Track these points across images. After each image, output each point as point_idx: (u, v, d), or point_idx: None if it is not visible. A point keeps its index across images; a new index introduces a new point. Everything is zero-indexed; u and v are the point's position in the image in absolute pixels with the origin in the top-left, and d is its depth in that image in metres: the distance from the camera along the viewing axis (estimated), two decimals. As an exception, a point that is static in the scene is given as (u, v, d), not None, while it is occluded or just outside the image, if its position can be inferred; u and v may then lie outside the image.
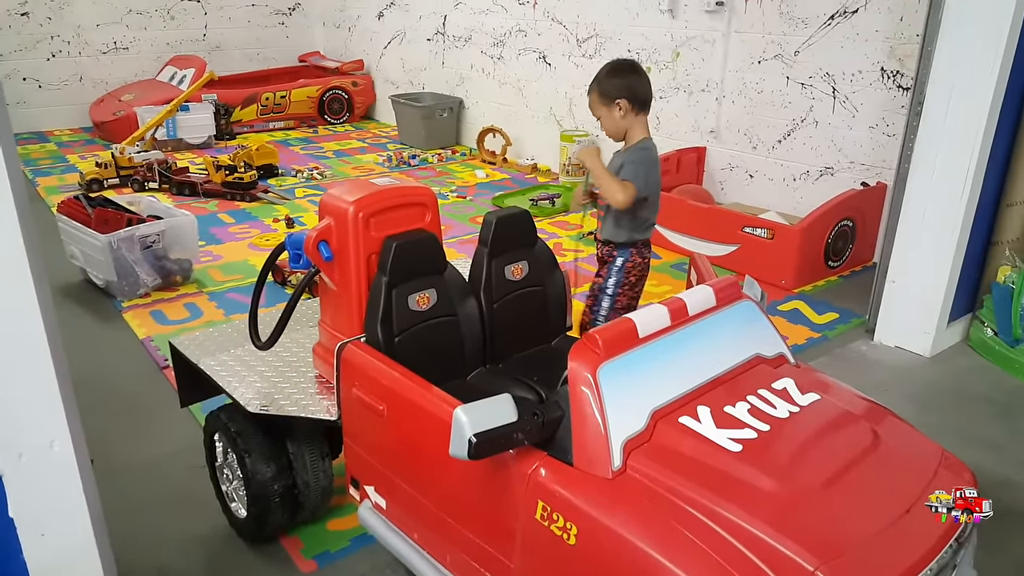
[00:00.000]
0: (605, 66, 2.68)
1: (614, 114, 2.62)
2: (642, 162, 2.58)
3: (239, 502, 2.22)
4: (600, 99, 2.63)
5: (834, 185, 4.43)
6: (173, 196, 5.44)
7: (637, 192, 2.51)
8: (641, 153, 2.60)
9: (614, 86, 2.60)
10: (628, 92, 2.59)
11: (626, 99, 2.59)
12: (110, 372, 3.16)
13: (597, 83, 2.64)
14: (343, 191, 2.01)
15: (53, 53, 7.49)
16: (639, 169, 2.55)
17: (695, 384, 1.59)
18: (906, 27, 4.03)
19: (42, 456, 1.29)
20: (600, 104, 2.64)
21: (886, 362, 3.32)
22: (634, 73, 2.64)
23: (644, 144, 2.62)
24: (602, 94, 2.62)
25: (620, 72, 2.63)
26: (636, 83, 2.61)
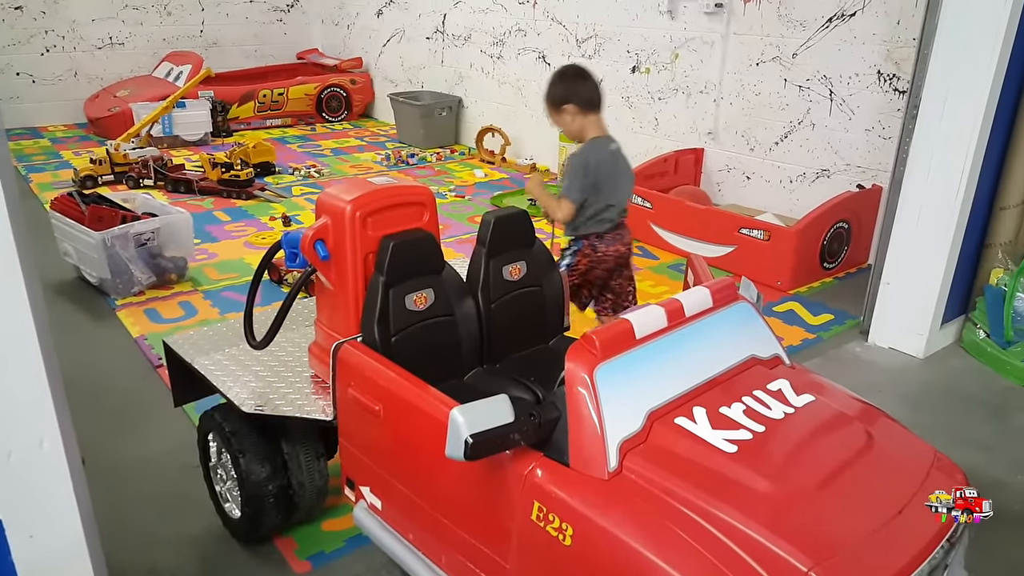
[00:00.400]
0: (553, 74, 2.85)
1: (565, 119, 2.80)
2: (576, 169, 2.77)
3: (233, 502, 2.22)
4: (551, 108, 2.83)
5: (830, 187, 4.44)
6: (168, 193, 5.43)
7: (573, 203, 2.75)
8: (576, 159, 2.78)
9: (559, 93, 2.79)
10: (573, 96, 2.76)
11: (572, 103, 2.76)
12: (103, 370, 3.14)
13: (547, 92, 2.83)
14: (340, 190, 2.01)
15: (47, 48, 7.45)
16: (572, 180, 2.76)
17: (691, 385, 1.59)
18: (903, 31, 4.04)
19: (31, 455, 1.27)
20: (553, 112, 2.83)
21: (880, 363, 3.33)
22: (578, 78, 2.81)
23: (587, 146, 2.80)
24: (551, 103, 2.82)
25: (564, 79, 2.81)
26: (580, 87, 2.78)
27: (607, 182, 2.78)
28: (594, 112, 2.80)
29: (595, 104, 2.79)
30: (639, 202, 4.66)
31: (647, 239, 4.65)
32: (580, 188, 2.76)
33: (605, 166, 2.78)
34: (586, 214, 2.83)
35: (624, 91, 5.62)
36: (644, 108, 5.52)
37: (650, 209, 4.60)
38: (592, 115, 2.79)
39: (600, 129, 2.82)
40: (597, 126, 2.81)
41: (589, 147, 2.80)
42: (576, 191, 2.76)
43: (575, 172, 2.76)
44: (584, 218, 2.83)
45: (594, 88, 2.80)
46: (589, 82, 2.79)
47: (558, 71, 2.85)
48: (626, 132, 5.69)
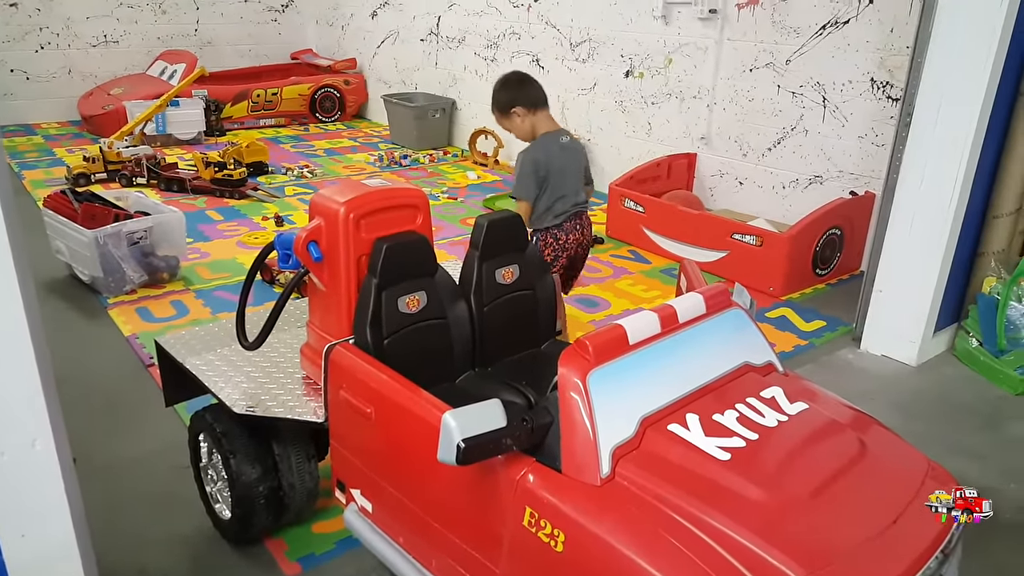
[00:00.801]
0: (496, 83, 3.05)
1: (515, 121, 2.99)
2: (525, 168, 2.94)
3: (223, 503, 2.20)
4: (500, 114, 3.01)
5: (823, 193, 4.46)
6: (161, 192, 5.40)
7: (527, 201, 2.97)
8: (525, 158, 2.94)
9: (505, 99, 2.98)
10: (519, 99, 2.97)
11: (519, 105, 2.96)
12: (94, 369, 3.12)
13: (493, 101, 3.02)
14: (334, 191, 2.00)
15: (42, 45, 7.42)
16: (521, 179, 2.95)
17: (684, 392, 1.59)
18: (896, 38, 4.06)
19: (23, 455, 1.27)
20: (503, 118, 3.01)
21: (872, 371, 3.34)
22: (520, 82, 3.02)
23: (535, 144, 2.97)
24: (499, 109, 3.00)
25: (507, 86, 3.02)
26: (524, 89, 2.99)
27: (556, 176, 2.96)
28: (542, 109, 2.99)
29: (542, 101, 2.99)
30: (631, 206, 4.67)
31: (639, 243, 4.66)
32: (533, 185, 2.94)
33: (554, 160, 2.95)
34: (540, 209, 3.00)
35: (618, 95, 5.64)
36: (637, 112, 5.53)
37: (643, 213, 4.61)
38: (540, 112, 2.98)
39: (550, 124, 3.01)
40: (547, 122, 3.00)
41: (537, 144, 2.98)
42: (529, 189, 2.95)
43: (524, 171, 2.94)
44: (540, 212, 3.01)
45: (538, 88, 3.00)
46: (532, 83, 3.01)
47: (500, 80, 3.04)
48: (619, 136, 5.71)
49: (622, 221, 4.75)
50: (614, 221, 4.82)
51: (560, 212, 3.01)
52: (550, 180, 2.96)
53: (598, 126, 5.87)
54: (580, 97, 5.94)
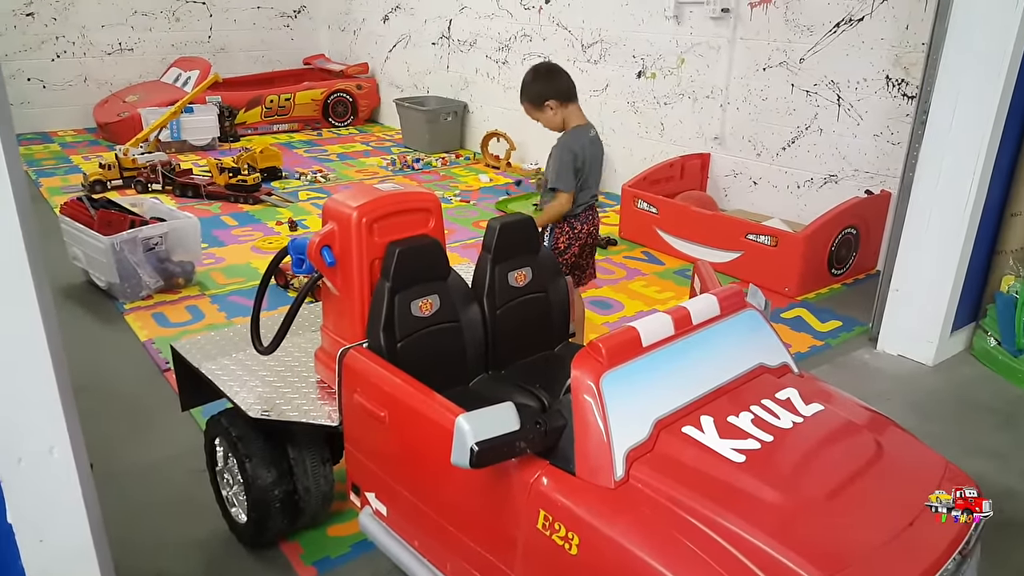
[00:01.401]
0: (528, 74, 3.03)
1: (548, 114, 2.98)
2: (564, 158, 2.92)
3: (239, 507, 2.22)
4: (532, 106, 2.99)
5: (838, 193, 4.42)
6: (176, 198, 5.45)
7: (569, 190, 2.94)
8: (562, 149, 2.93)
9: (540, 91, 2.96)
10: (553, 92, 2.95)
11: (553, 99, 2.93)
12: (111, 375, 3.15)
13: (524, 92, 2.99)
14: (347, 196, 2.01)
15: (58, 54, 7.50)
16: (562, 170, 2.93)
17: (698, 394, 1.58)
18: (911, 35, 4.02)
19: (41, 461, 1.28)
20: (534, 109, 3.00)
21: (889, 371, 3.31)
22: (551, 73, 3.00)
23: (570, 135, 2.96)
24: (532, 101, 2.98)
25: (540, 77, 2.99)
26: (557, 82, 2.97)
27: (588, 168, 2.99)
28: (573, 102, 2.99)
29: (573, 94, 2.99)
30: (645, 207, 4.65)
31: (653, 244, 4.64)
32: (573, 176, 2.94)
33: (587, 152, 2.97)
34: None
35: (630, 96, 5.62)
36: (650, 113, 5.52)
37: (656, 214, 4.59)
38: (572, 105, 2.99)
39: (580, 117, 3.02)
40: (578, 114, 3.01)
41: (572, 136, 2.98)
42: (570, 180, 2.94)
43: (564, 162, 2.93)
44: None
45: (568, 80, 2.99)
46: (563, 75, 2.99)
47: (532, 71, 3.03)
48: (632, 137, 5.69)
49: (635, 222, 4.73)
50: (627, 222, 4.81)
51: (581, 203, 3.04)
52: (583, 172, 2.98)
53: (610, 127, 5.85)
54: (592, 98, 5.93)
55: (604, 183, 5.91)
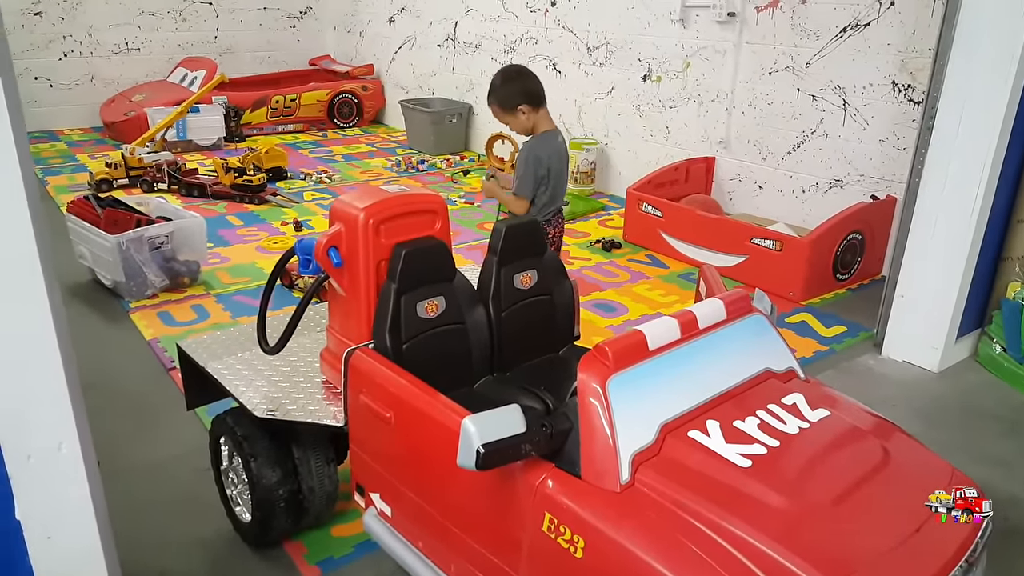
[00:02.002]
0: (497, 76, 3.01)
1: (519, 118, 2.98)
2: (528, 164, 2.95)
3: (243, 506, 2.22)
4: (503, 109, 2.98)
5: (843, 197, 4.42)
6: (182, 197, 5.46)
7: (528, 198, 2.99)
8: (528, 154, 2.96)
9: (510, 94, 2.96)
10: (524, 96, 2.95)
11: (525, 103, 2.95)
12: (117, 373, 3.16)
13: (495, 95, 2.98)
14: (354, 197, 2.01)
15: (65, 53, 7.52)
16: (525, 175, 2.96)
17: (705, 398, 1.58)
18: (918, 41, 4.02)
19: (50, 458, 1.29)
20: (504, 113, 2.99)
21: (894, 377, 3.31)
22: (522, 76, 3.00)
23: (538, 140, 2.99)
24: (501, 104, 2.97)
25: (511, 80, 2.98)
26: (528, 85, 2.98)
27: (554, 175, 3.02)
28: (543, 106, 3.01)
29: (543, 98, 3.01)
30: (649, 210, 4.65)
31: (657, 248, 4.64)
32: (533, 182, 2.98)
33: (554, 158, 3.00)
34: (537, 205, 3.04)
35: (635, 99, 5.63)
36: (655, 116, 5.52)
37: (660, 218, 4.59)
38: (542, 109, 3.00)
39: (549, 122, 3.05)
40: (547, 120, 3.03)
41: (540, 141, 3.00)
42: (529, 187, 2.98)
43: (528, 167, 2.96)
44: (537, 208, 3.05)
45: (539, 83, 3.01)
46: (534, 78, 3.01)
47: (502, 74, 3.01)
48: (636, 140, 5.70)
49: (640, 225, 4.73)
50: (631, 225, 4.81)
51: (550, 209, 3.07)
52: (549, 178, 3.01)
53: (615, 130, 5.86)
54: (597, 101, 5.94)
55: (608, 185, 5.96)
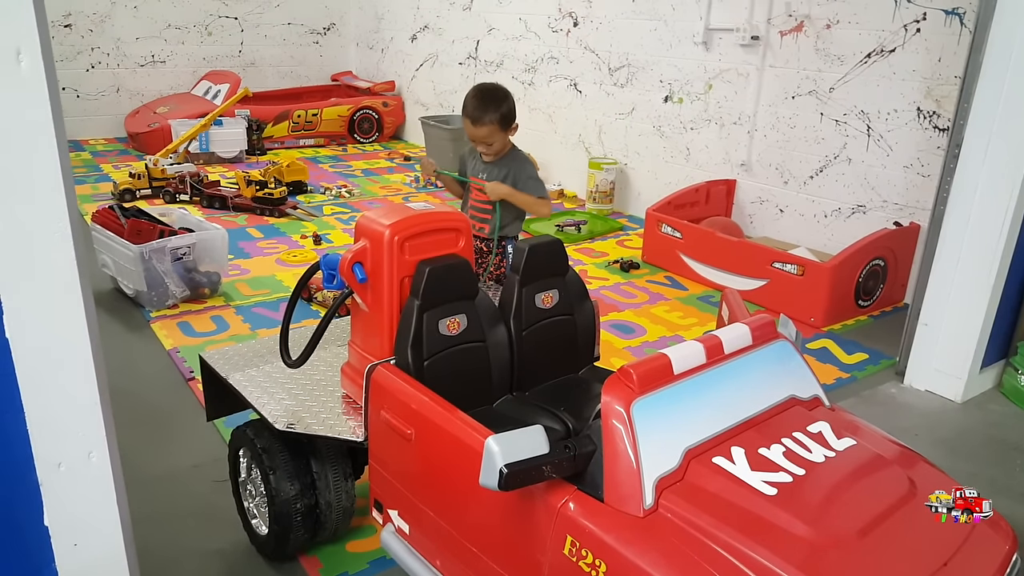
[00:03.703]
0: (494, 96, 2.99)
1: (508, 136, 3.02)
2: (533, 171, 3.08)
3: (261, 519, 2.22)
4: (502, 127, 2.98)
5: (866, 223, 4.39)
6: (203, 209, 5.51)
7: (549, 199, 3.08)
8: (526, 163, 3.07)
9: (511, 111, 3.00)
10: (514, 112, 3.00)
11: (515, 121, 3.02)
12: (137, 382, 3.18)
13: (497, 111, 2.97)
14: (379, 214, 2.02)
15: (92, 64, 7.65)
16: (537, 180, 3.05)
17: (729, 424, 1.57)
18: (944, 68, 4.01)
19: (80, 467, 1.30)
20: (499, 131, 2.99)
21: (916, 406, 3.27)
22: (510, 94, 3.05)
23: (522, 153, 3.10)
24: (506, 120, 2.99)
25: (508, 98, 3.01)
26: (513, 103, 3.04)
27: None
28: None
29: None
30: (669, 232, 4.65)
31: (676, 269, 4.63)
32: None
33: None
34: (515, 216, 3.09)
35: (656, 120, 5.64)
36: (676, 137, 5.53)
37: (680, 239, 4.58)
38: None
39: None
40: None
41: (522, 154, 3.12)
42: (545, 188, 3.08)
43: (534, 172, 3.08)
44: (515, 218, 3.09)
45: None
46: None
47: (499, 92, 3.02)
48: (657, 161, 5.70)
49: (658, 246, 4.72)
50: (650, 246, 4.80)
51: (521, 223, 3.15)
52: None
53: (635, 151, 5.87)
54: (617, 121, 5.96)
55: (626, 206, 5.96)
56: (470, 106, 2.97)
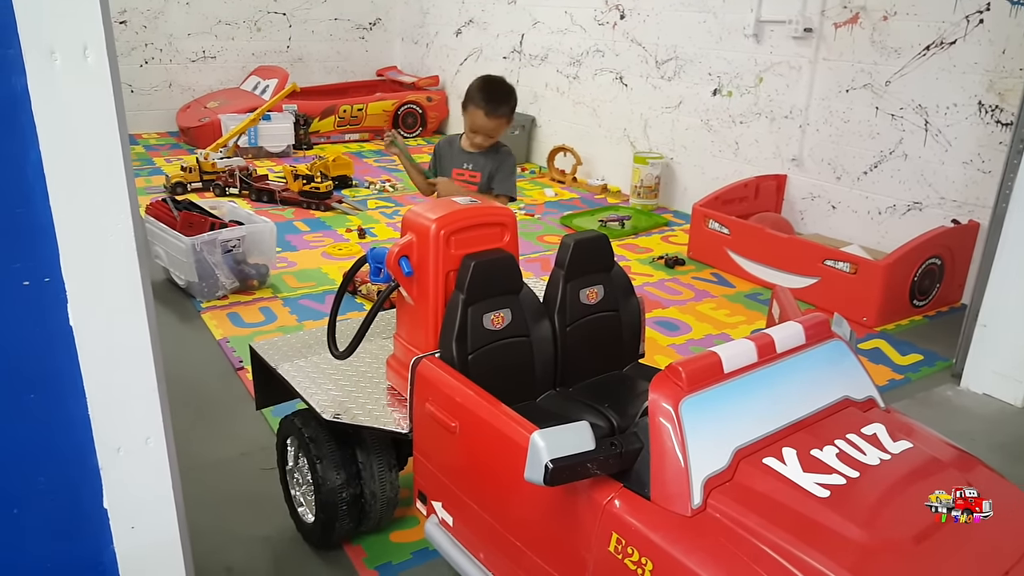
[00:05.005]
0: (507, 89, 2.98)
1: (504, 130, 3.03)
2: (514, 171, 3.09)
3: (307, 507, 2.25)
4: (505, 120, 2.98)
5: (922, 221, 4.26)
6: (252, 202, 5.61)
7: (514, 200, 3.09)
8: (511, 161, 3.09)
9: (513, 107, 2.99)
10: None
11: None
12: (187, 370, 3.25)
13: (508, 105, 2.96)
14: (426, 208, 2.03)
15: (146, 60, 7.85)
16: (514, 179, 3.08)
17: (781, 424, 1.53)
18: (1008, 60, 3.86)
19: (138, 451, 1.34)
20: (502, 123, 2.98)
21: (974, 410, 3.16)
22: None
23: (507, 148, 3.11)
24: (508, 115, 2.98)
25: (515, 92, 3.00)
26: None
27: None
28: None
29: None
30: (716, 227, 4.57)
31: (723, 266, 4.56)
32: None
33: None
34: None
35: (704, 114, 5.56)
36: (724, 132, 5.44)
37: (728, 235, 4.51)
38: None
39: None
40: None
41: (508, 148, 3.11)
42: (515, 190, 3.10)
43: (514, 172, 3.08)
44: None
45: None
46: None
47: (505, 86, 2.99)
48: (704, 155, 5.62)
49: (705, 242, 4.66)
50: (696, 242, 4.74)
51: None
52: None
53: (682, 144, 5.80)
54: (664, 115, 5.89)
55: (672, 201, 5.89)
56: (482, 97, 2.91)
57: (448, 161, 3.11)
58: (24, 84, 1.10)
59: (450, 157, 3.11)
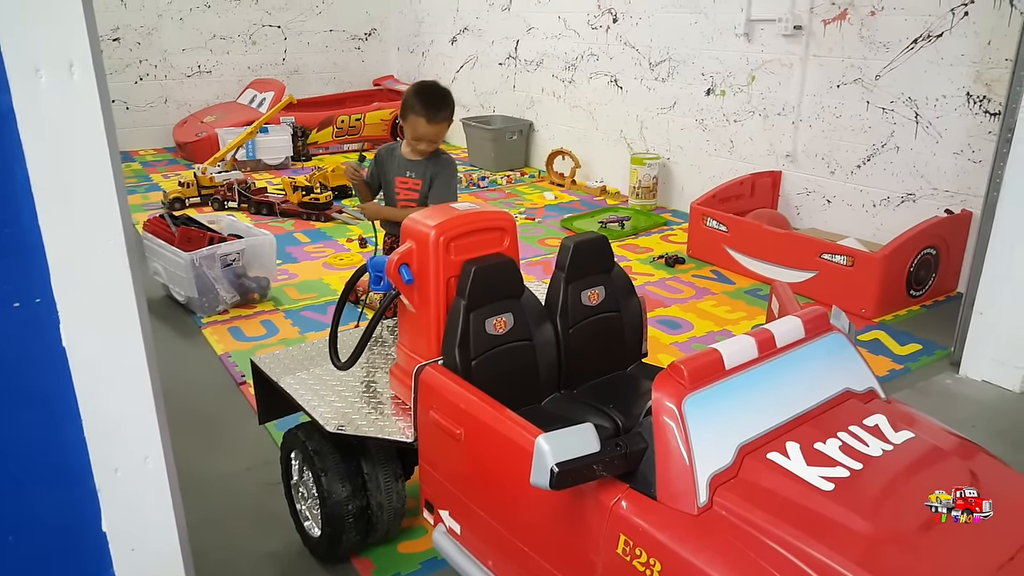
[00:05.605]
0: (446, 95, 3.03)
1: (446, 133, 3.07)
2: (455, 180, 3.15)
3: (313, 521, 2.25)
4: (447, 123, 3.03)
5: (916, 212, 4.28)
6: (251, 215, 5.62)
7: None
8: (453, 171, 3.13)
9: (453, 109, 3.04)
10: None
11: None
12: (189, 387, 3.25)
13: (449, 113, 3.02)
14: (425, 215, 2.04)
15: (141, 76, 7.86)
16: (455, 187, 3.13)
17: (783, 419, 1.54)
18: (994, 51, 3.88)
19: (136, 471, 1.32)
20: (445, 127, 3.03)
21: (973, 397, 3.17)
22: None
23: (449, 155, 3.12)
24: (449, 119, 3.03)
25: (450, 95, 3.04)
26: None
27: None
28: None
29: None
30: (714, 225, 4.58)
31: (723, 263, 4.57)
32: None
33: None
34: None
35: (698, 113, 5.57)
36: (719, 130, 5.45)
37: (726, 232, 4.52)
38: None
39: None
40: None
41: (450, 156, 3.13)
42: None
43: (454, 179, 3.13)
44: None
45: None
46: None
47: (443, 90, 3.03)
48: (700, 154, 5.63)
49: (704, 240, 4.67)
50: (695, 240, 4.75)
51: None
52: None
53: (678, 144, 5.81)
54: (659, 116, 5.91)
55: (670, 200, 5.91)
56: (422, 104, 2.91)
57: (390, 169, 3.09)
58: (9, 102, 1.08)
59: (392, 166, 3.09)
